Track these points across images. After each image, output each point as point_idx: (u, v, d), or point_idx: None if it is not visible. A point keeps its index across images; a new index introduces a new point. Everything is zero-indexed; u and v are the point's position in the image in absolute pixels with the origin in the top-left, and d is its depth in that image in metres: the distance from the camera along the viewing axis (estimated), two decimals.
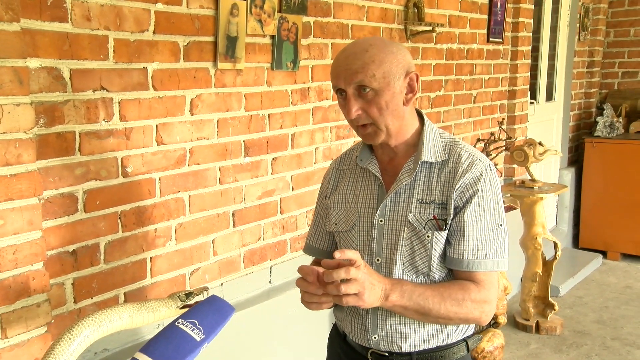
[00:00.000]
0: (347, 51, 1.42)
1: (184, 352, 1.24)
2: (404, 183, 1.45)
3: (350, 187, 1.56)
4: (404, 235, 1.43)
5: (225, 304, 1.36)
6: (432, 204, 1.42)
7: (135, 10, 1.95)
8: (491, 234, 1.41)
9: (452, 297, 1.37)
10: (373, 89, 1.38)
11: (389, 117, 1.41)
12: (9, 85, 1.52)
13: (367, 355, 1.51)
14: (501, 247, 1.43)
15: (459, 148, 1.46)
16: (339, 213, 1.56)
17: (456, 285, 1.40)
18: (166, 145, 2.11)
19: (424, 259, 1.43)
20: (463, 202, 1.41)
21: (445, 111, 3.72)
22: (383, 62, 1.38)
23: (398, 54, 1.41)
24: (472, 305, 1.39)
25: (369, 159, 1.53)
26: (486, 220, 1.41)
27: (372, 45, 1.40)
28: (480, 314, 1.41)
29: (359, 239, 1.51)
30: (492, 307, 1.42)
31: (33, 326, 1.63)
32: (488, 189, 1.42)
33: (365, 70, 1.36)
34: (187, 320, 1.29)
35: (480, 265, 1.40)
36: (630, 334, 3.77)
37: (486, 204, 1.41)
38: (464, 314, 1.39)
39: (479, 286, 1.40)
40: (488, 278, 1.42)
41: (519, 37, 4.32)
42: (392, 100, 1.40)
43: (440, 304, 1.36)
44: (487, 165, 1.44)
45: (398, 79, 1.40)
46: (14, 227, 1.57)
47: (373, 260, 1.48)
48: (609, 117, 5.24)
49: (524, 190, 3.79)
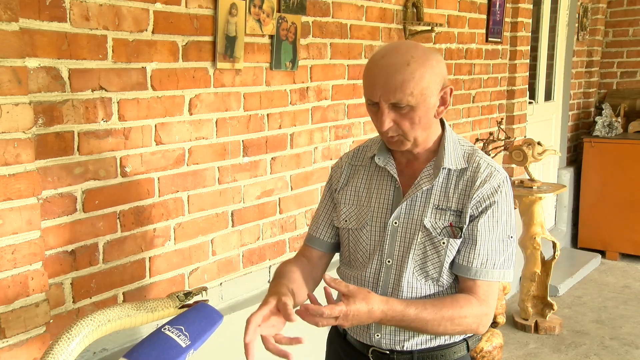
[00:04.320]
0: (385, 60, 1.36)
1: (168, 358, 1.24)
2: (423, 188, 1.44)
3: (363, 185, 1.54)
4: (418, 239, 1.43)
5: (214, 311, 1.36)
6: (448, 211, 1.43)
7: (134, 10, 1.95)
8: (501, 244, 1.42)
9: (452, 315, 1.38)
10: (410, 105, 1.35)
11: (419, 130, 1.40)
12: (7, 85, 1.52)
13: (367, 353, 1.51)
14: (509, 258, 1.44)
15: (478, 157, 1.46)
16: (349, 210, 1.54)
17: (459, 301, 1.40)
18: (165, 145, 2.11)
19: (436, 265, 1.43)
20: (479, 211, 1.41)
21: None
22: (423, 78, 1.34)
23: (437, 67, 1.37)
24: (472, 320, 1.40)
25: (386, 159, 1.51)
26: (498, 232, 1.42)
27: (412, 58, 1.34)
28: (477, 326, 1.42)
29: (371, 239, 1.50)
30: (490, 317, 1.44)
31: (32, 326, 1.63)
32: (503, 201, 1.43)
33: (404, 88, 1.33)
34: (173, 327, 1.29)
35: (487, 275, 1.41)
36: (628, 333, 3.78)
37: (500, 216, 1.42)
38: (461, 329, 1.42)
39: (479, 299, 1.41)
40: (491, 288, 1.43)
41: (517, 37, 4.32)
42: (425, 115, 1.39)
43: (439, 325, 1.38)
44: (504, 177, 1.45)
45: (434, 94, 1.37)
46: (12, 227, 1.57)
47: (384, 261, 1.47)
48: (608, 117, 5.25)
49: (523, 190, 3.79)
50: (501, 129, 3.91)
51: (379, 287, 1.48)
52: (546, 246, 3.88)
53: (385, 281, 1.47)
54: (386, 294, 1.46)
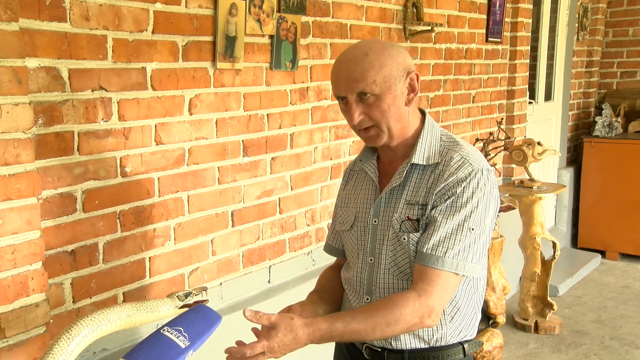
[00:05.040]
0: (345, 56, 1.41)
1: (168, 359, 1.25)
2: (393, 185, 1.46)
3: (353, 188, 1.60)
4: (389, 235, 1.45)
5: (212, 313, 1.37)
6: (416, 205, 1.42)
7: (134, 10, 1.95)
8: (458, 234, 1.37)
9: (385, 317, 1.33)
10: (374, 94, 1.37)
11: (392, 119, 1.41)
12: (7, 85, 1.52)
13: (362, 349, 1.53)
14: (466, 250, 1.37)
15: (454, 151, 1.43)
16: (342, 212, 1.60)
17: (392, 300, 1.36)
18: (165, 145, 2.11)
19: (405, 260, 1.43)
20: (441, 202, 1.39)
21: (444, 111, 3.72)
22: (383, 66, 1.37)
23: (397, 56, 1.40)
24: (409, 317, 1.34)
25: (368, 160, 1.55)
26: (456, 220, 1.37)
27: (371, 49, 1.39)
28: (420, 320, 1.35)
29: (357, 239, 1.53)
30: (437, 310, 1.36)
31: (32, 326, 1.63)
32: (470, 192, 1.38)
33: (365, 77, 1.36)
34: (172, 328, 1.30)
35: (437, 262, 1.35)
36: (628, 333, 3.78)
37: (461, 206, 1.37)
38: (402, 327, 1.35)
39: (421, 289, 1.35)
40: (439, 279, 1.35)
41: (517, 36, 4.32)
42: (394, 103, 1.40)
43: (374, 330, 1.34)
44: (478, 169, 1.40)
45: (399, 81, 1.39)
46: (12, 227, 1.57)
47: (367, 260, 1.50)
48: (608, 117, 5.25)
49: (523, 190, 3.79)
50: (501, 129, 3.91)
51: (364, 286, 1.50)
52: (546, 246, 3.88)
53: (368, 279, 1.49)
54: (371, 292, 1.48)
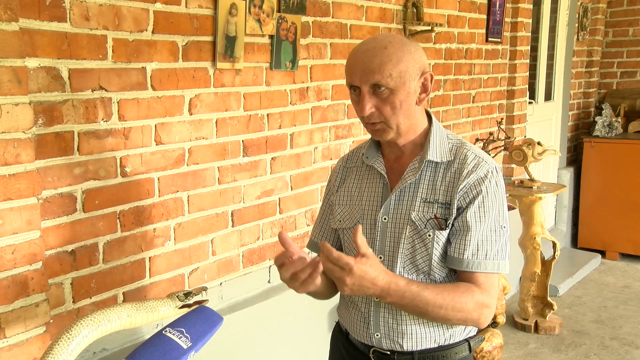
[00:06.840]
0: (364, 46, 1.41)
1: (170, 359, 1.25)
2: (408, 182, 1.45)
3: (355, 185, 1.57)
4: (406, 233, 1.44)
5: (214, 314, 1.38)
6: (435, 204, 1.43)
7: (134, 10, 1.95)
8: (493, 235, 1.41)
9: (454, 300, 1.36)
10: (389, 88, 1.37)
11: (401, 116, 1.41)
12: (7, 85, 1.52)
13: (369, 353, 1.51)
14: (502, 249, 1.42)
15: (466, 149, 1.46)
16: (343, 210, 1.57)
17: (460, 287, 1.39)
18: (165, 145, 2.11)
19: (425, 258, 1.43)
20: (466, 202, 1.41)
21: (444, 111, 3.72)
22: (400, 61, 1.37)
23: (415, 53, 1.40)
24: (473, 307, 1.38)
25: (375, 157, 1.53)
26: (488, 221, 1.41)
27: (390, 43, 1.38)
28: (479, 317, 1.40)
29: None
30: (492, 311, 1.42)
31: (32, 326, 1.63)
32: (492, 190, 1.42)
33: (382, 69, 1.36)
34: (174, 329, 1.31)
35: (480, 266, 1.40)
36: (628, 333, 3.78)
37: (490, 205, 1.41)
38: (462, 316, 1.39)
39: (481, 288, 1.39)
40: (489, 280, 1.41)
41: (517, 36, 4.32)
42: (406, 100, 1.40)
43: (440, 308, 1.35)
44: (492, 167, 1.44)
45: (414, 78, 1.40)
46: (12, 227, 1.57)
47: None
48: (608, 117, 5.25)
49: (523, 190, 3.79)
50: (501, 129, 3.91)
51: None
52: (546, 246, 3.88)
53: None
54: None
